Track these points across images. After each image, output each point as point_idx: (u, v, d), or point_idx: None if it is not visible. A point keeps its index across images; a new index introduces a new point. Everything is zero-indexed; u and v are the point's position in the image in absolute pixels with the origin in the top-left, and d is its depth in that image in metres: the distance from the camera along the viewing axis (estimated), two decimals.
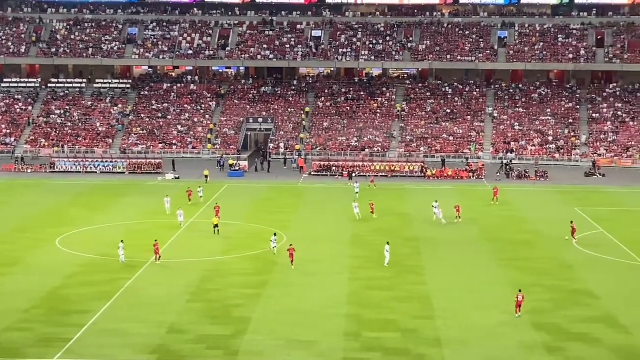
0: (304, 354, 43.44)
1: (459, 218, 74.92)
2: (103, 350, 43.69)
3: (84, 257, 62.24)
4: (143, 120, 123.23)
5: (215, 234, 68.86)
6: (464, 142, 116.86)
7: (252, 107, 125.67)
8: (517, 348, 44.40)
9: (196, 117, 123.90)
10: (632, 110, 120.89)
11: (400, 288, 55.01)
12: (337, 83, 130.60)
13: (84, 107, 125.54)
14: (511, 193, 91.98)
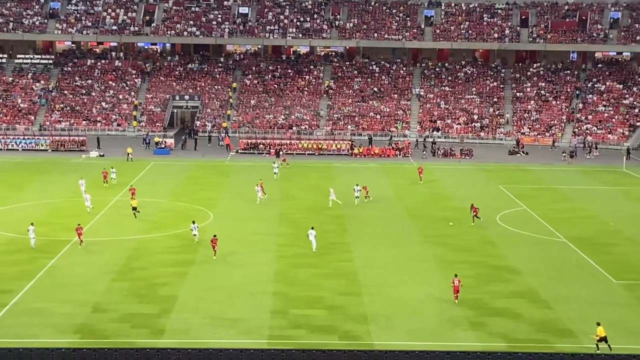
0: (231, 332, 43.42)
1: (368, 197, 75.10)
2: (25, 330, 43.00)
3: (5, 235, 61.03)
4: (66, 96, 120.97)
5: (136, 217, 66.99)
6: (390, 121, 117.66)
7: (178, 84, 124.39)
8: (441, 323, 45.09)
9: (121, 94, 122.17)
10: (555, 89, 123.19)
11: (326, 265, 55.30)
12: (264, 61, 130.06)
13: (4, 83, 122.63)
14: (437, 171, 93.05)
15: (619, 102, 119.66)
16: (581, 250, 60.14)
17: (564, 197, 79.78)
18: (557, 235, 64.31)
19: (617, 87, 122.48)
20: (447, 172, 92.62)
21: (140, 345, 40.78)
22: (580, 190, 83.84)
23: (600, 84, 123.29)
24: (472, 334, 43.68)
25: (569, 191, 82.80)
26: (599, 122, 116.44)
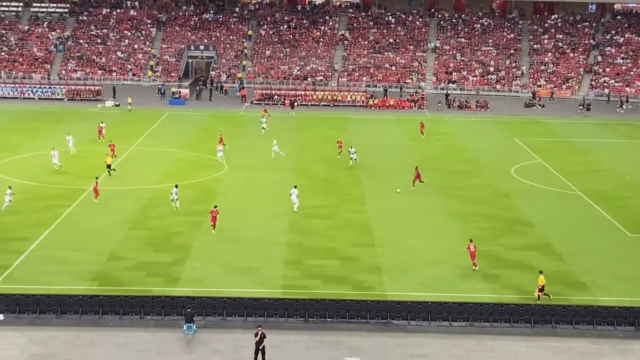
0: (245, 281, 43.80)
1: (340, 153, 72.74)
2: (43, 276, 43.51)
3: (23, 184, 61.43)
4: (82, 45, 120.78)
5: (110, 176, 63.61)
6: (406, 72, 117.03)
7: (193, 34, 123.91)
8: (453, 274, 45.32)
9: (136, 43, 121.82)
10: (572, 41, 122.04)
11: (340, 216, 55.50)
12: (279, 11, 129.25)
13: (20, 32, 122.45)
14: (452, 123, 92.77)
15: (637, 55, 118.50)
16: (596, 203, 60.08)
17: (580, 150, 79.52)
18: (572, 189, 64.22)
19: (636, 40, 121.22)
20: (462, 125, 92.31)
21: (155, 292, 41.25)
22: (597, 143, 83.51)
23: (619, 36, 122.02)
24: (485, 286, 43.91)
25: (585, 144, 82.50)
26: (617, 75, 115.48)
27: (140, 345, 36.61)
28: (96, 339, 37.17)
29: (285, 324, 39.27)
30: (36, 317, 39.24)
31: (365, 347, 37.01)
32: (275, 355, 35.51)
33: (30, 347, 36.10)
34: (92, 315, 39.42)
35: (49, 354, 35.49)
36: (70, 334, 37.60)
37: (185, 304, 39.34)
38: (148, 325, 38.74)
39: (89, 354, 35.59)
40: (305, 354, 36.23)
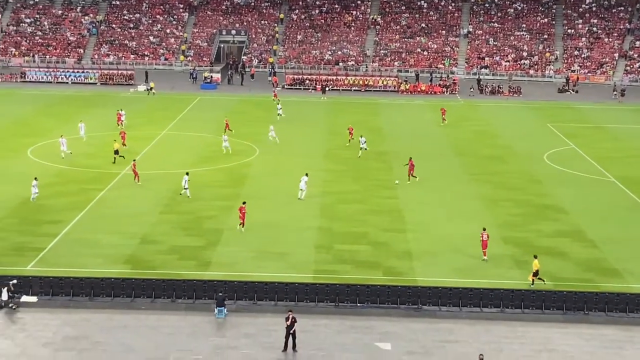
0: (276, 266, 43.91)
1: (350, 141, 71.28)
2: (76, 259, 43.90)
3: (56, 167, 61.98)
4: (114, 30, 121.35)
5: (114, 163, 62.97)
6: (438, 57, 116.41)
7: (225, 18, 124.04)
8: (485, 261, 45.08)
9: (168, 28, 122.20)
10: (607, 26, 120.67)
11: (371, 202, 55.43)
12: None
13: (54, 16, 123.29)
14: (484, 109, 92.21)
15: None
16: (630, 190, 59.48)
17: (613, 136, 78.73)
18: (605, 175, 63.62)
19: None
20: (495, 110, 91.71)
21: (187, 276, 41.48)
22: (631, 129, 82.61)
23: None
24: (516, 272, 43.68)
25: (620, 130, 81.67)
26: None
27: (172, 329, 36.86)
28: (128, 321, 37.47)
29: (316, 308, 39.35)
30: (69, 299, 39.64)
31: (396, 332, 37.00)
32: (306, 340, 35.61)
33: (63, 329, 36.48)
34: (125, 298, 39.75)
35: (82, 336, 35.84)
36: (102, 316, 37.95)
37: (216, 288, 39.53)
38: (179, 309, 38.99)
39: (121, 337, 35.90)
40: (335, 338, 36.29)
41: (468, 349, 35.36)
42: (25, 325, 36.84)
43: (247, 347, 35.30)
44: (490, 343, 36.17)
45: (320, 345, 35.51)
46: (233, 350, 34.94)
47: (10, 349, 34.60)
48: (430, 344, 35.95)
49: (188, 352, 34.60)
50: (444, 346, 35.82)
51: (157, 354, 34.37)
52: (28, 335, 35.87)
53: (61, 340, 35.45)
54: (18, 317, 37.64)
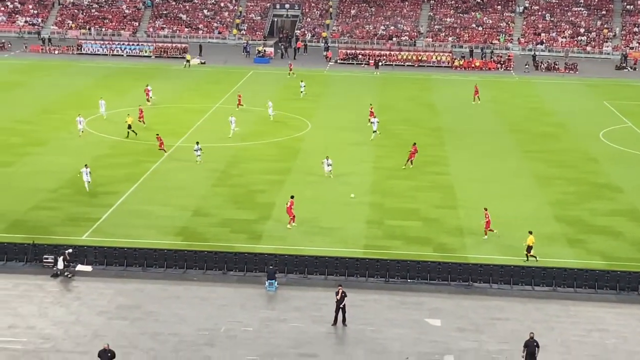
0: (327, 240, 44.03)
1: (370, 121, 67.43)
2: (130, 230, 44.49)
3: (111, 139, 62.71)
4: (169, 3, 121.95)
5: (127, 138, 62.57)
6: (493, 33, 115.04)
7: None
8: (538, 239, 44.56)
9: (222, 1, 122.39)
10: None
11: (423, 178, 55.21)
12: None
13: None
14: (539, 85, 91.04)
15: None
16: None
17: None
18: None
19: None
20: (550, 87, 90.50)
21: (238, 249, 41.80)
22: None
23: None
24: (570, 251, 43.27)
25: None
26: None
27: (223, 300, 37.23)
28: (180, 292, 37.94)
29: (366, 283, 39.43)
30: (123, 269, 40.25)
31: (446, 309, 36.93)
32: (356, 314, 35.72)
33: (117, 299, 37.07)
34: (177, 270, 40.25)
35: (135, 306, 36.38)
36: (155, 286, 38.46)
37: (267, 261, 39.81)
38: (231, 281, 39.36)
39: (174, 307, 36.36)
40: (385, 313, 36.34)
41: (518, 327, 35.17)
42: (80, 294, 37.50)
43: (297, 320, 35.53)
44: (541, 321, 35.93)
45: (369, 320, 35.60)
46: (283, 323, 35.20)
47: (65, 316, 35.27)
48: (480, 321, 35.83)
49: (238, 324, 34.94)
50: (494, 323, 35.67)
51: (208, 325, 34.77)
52: (83, 304, 36.51)
53: (115, 309, 36.03)
54: (73, 286, 38.32)
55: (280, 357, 32.40)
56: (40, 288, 37.90)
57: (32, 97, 77.35)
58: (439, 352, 33.10)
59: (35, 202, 48.29)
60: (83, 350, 32.28)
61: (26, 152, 58.75)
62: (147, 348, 32.75)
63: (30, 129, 64.91)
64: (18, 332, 33.69)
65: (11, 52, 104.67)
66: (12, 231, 43.88)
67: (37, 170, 54.53)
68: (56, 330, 33.99)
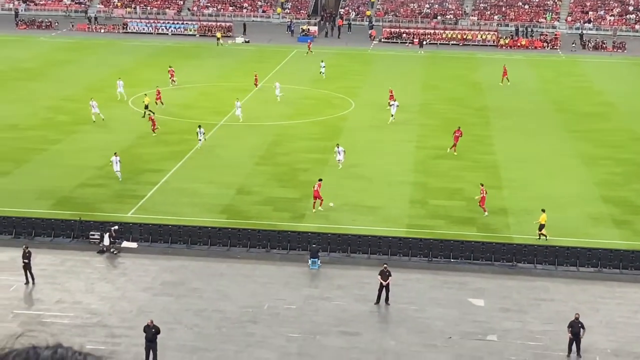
0: (370, 219, 44.02)
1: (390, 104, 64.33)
2: (174, 208, 44.87)
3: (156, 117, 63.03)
4: None
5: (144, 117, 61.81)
6: (539, 11, 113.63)
7: None
8: (583, 219, 44.32)
9: None
10: None
11: (467, 157, 54.87)
12: None
13: None
14: (586, 64, 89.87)
15: None
16: None
17: None
18: None
19: None
20: (597, 66, 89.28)
21: (282, 227, 41.98)
22: None
23: None
24: (616, 232, 42.80)
25: None
26: None
27: (267, 278, 37.46)
28: (224, 269, 38.24)
29: (409, 262, 39.41)
30: (168, 246, 40.65)
31: (490, 289, 36.79)
32: (398, 294, 35.73)
33: (162, 275, 37.47)
34: (221, 247, 40.56)
35: (180, 282, 36.75)
36: (199, 263, 38.81)
37: (310, 240, 39.93)
38: (274, 259, 39.58)
39: (217, 284, 36.67)
40: (428, 293, 36.31)
41: (563, 308, 34.93)
42: (126, 270, 37.98)
43: (340, 298, 35.64)
44: (586, 302, 35.65)
45: (412, 300, 35.60)
46: (326, 301, 35.33)
47: (111, 292, 35.76)
48: (524, 302, 35.64)
49: (281, 302, 35.15)
50: (539, 304, 35.47)
51: (252, 302, 35.02)
52: (128, 280, 36.98)
53: (160, 286, 36.44)
54: (119, 262, 38.82)
55: (323, 335, 32.56)
56: (87, 264, 38.45)
57: (79, 75, 78.14)
58: (482, 332, 33.02)
59: (82, 180, 48.88)
60: (129, 326, 32.72)
61: (73, 130, 59.44)
62: (191, 324, 33.10)
63: (77, 107, 65.60)
64: (65, 307, 34.24)
65: (58, 31, 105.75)
66: (59, 208, 44.50)
67: (84, 148, 55.16)
68: (102, 305, 34.48)
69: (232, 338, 32.16)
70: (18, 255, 37.21)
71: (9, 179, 49.04)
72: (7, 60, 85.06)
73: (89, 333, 32.22)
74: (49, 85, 73.21)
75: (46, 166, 51.55)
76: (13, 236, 41.25)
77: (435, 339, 32.52)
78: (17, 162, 52.02)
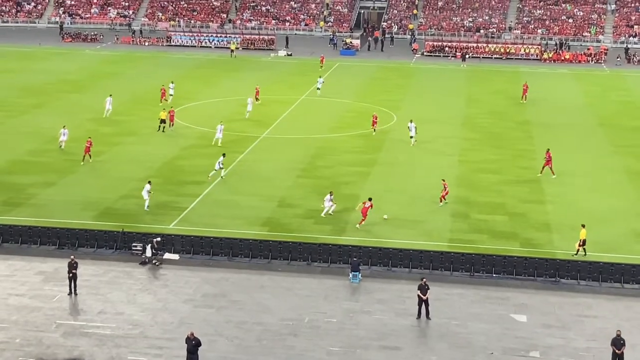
0: (411, 233, 43.84)
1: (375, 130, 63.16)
2: (216, 220, 45.05)
3: (198, 129, 63.56)
4: None
5: (160, 131, 61.98)
6: (584, 25, 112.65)
7: None
8: (627, 235, 43.72)
9: None
10: None
11: (510, 172, 54.48)
12: None
13: None
14: (631, 79, 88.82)
15: None
16: None
17: None
18: None
19: None
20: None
21: (323, 240, 41.93)
22: None
23: None
24: None
25: None
26: None
27: (307, 291, 37.42)
28: (265, 282, 38.26)
29: (451, 277, 39.14)
30: (209, 258, 40.80)
31: (532, 305, 36.38)
32: (439, 308, 35.48)
33: (203, 287, 37.59)
34: (262, 260, 40.59)
35: (221, 294, 36.84)
36: (240, 276, 38.88)
37: (351, 253, 39.85)
38: (315, 272, 39.53)
39: (258, 296, 36.69)
40: (469, 308, 36.01)
41: (607, 325, 34.42)
42: (168, 282, 38.17)
43: (381, 312, 35.48)
44: (631, 320, 35.11)
45: (454, 315, 35.33)
46: (366, 315, 35.20)
47: (153, 303, 35.95)
48: (567, 318, 35.20)
49: (322, 315, 35.08)
50: (582, 321, 35.01)
51: (292, 315, 34.98)
52: (170, 291, 37.16)
53: (201, 298, 36.56)
54: (161, 274, 39.03)
55: (363, 349, 32.42)
56: (129, 275, 38.71)
57: (123, 87, 78.88)
58: (525, 348, 32.65)
59: (126, 191, 49.30)
60: (170, 337, 32.85)
61: (117, 142, 60.00)
62: (231, 336, 33.15)
63: (121, 119, 66.25)
64: (107, 318, 34.49)
65: (103, 44, 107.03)
66: (102, 219, 44.93)
67: (128, 160, 55.66)
68: (144, 316, 34.68)
69: (272, 351, 32.15)
70: (62, 266, 37.60)
71: (54, 190, 49.64)
72: (52, 72, 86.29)
73: (131, 344, 32.39)
74: (94, 98, 73.97)
75: (90, 177, 52.08)
76: (57, 247, 41.71)
77: (477, 354, 32.22)
78: (62, 173, 52.65)
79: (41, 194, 48.86)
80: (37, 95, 74.69)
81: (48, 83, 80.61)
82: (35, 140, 59.76)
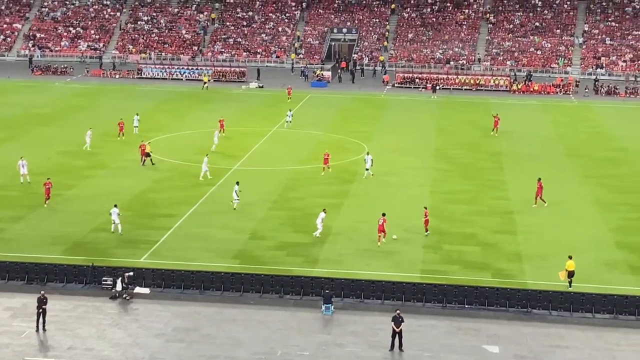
0: (383, 264, 43.82)
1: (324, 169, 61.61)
2: (188, 253, 44.79)
3: (169, 162, 63.37)
4: (228, 28, 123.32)
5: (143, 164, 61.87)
6: (552, 57, 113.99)
7: (336, 16, 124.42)
8: (598, 265, 43.98)
9: (280, 26, 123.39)
10: None
11: (481, 202, 54.72)
12: None
13: (170, 14, 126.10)
14: (599, 110, 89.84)
15: None
16: None
17: None
18: None
19: None
20: (611, 112, 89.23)
21: (295, 272, 41.78)
22: None
23: None
24: (631, 278, 42.40)
25: None
26: None
27: (280, 324, 37.20)
28: (237, 315, 38.00)
29: (423, 308, 39.10)
30: (180, 292, 40.49)
31: (505, 335, 36.40)
32: (412, 340, 35.38)
33: (174, 321, 37.26)
34: (234, 293, 40.34)
35: (192, 328, 36.52)
36: (212, 309, 38.59)
37: (323, 285, 39.72)
38: (287, 305, 39.33)
39: (230, 330, 36.42)
40: (442, 339, 35.95)
41: (578, 355, 34.52)
42: (138, 316, 37.79)
43: (354, 345, 35.33)
44: (602, 350, 35.22)
45: (426, 346, 35.25)
46: (339, 348, 35.02)
47: (123, 338, 35.55)
48: (539, 349, 35.24)
49: (295, 348, 34.86)
50: (554, 351, 35.05)
51: (265, 349, 34.73)
52: (140, 326, 36.77)
53: (172, 332, 36.22)
54: (131, 308, 38.64)
55: None
56: (99, 310, 38.30)
57: (93, 120, 78.37)
58: None
59: (95, 225, 48.92)
60: None
61: (87, 175, 59.64)
62: None
63: (91, 152, 65.88)
64: (77, 354, 34.04)
65: (73, 77, 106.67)
66: (72, 253, 44.51)
67: (98, 193, 55.29)
68: (114, 352, 34.26)
69: None
70: (30, 301, 37.14)
71: (22, 224, 49.14)
72: (21, 105, 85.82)
73: None
74: (64, 131, 73.62)
75: (59, 211, 51.63)
76: (25, 282, 41.19)
77: None
78: (30, 207, 52.16)
79: (9, 229, 48.35)
80: (6, 129, 74.17)
81: (17, 116, 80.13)
82: (4, 174, 59.26)
